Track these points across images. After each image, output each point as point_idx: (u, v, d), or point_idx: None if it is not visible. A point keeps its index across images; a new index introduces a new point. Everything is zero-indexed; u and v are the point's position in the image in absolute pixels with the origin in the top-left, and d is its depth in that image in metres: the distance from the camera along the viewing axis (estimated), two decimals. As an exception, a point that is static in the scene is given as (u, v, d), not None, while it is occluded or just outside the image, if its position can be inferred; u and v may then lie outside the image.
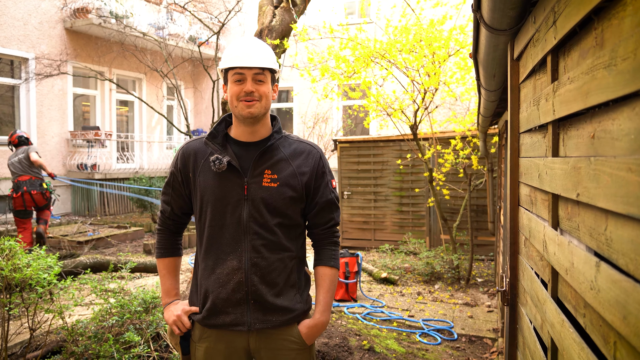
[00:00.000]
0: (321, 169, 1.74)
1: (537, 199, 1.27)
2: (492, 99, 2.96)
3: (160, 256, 1.83)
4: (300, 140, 1.78)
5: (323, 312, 1.71)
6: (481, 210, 7.13)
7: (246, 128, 1.68)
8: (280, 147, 1.71)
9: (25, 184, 6.12)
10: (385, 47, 5.62)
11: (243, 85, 1.61)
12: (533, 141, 1.34)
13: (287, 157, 1.70)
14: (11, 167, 6.30)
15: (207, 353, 1.69)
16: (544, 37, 1.13)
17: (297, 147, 1.73)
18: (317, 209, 1.74)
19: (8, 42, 10.03)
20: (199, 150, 1.72)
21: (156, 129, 13.90)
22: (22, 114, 10.57)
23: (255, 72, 1.61)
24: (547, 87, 1.13)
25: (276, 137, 1.71)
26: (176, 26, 12.80)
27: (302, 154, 1.72)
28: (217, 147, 1.68)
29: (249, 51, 1.62)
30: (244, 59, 1.60)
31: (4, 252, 2.89)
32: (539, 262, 1.24)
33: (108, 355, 2.93)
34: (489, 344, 4.18)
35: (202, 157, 1.70)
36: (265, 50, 1.66)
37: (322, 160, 1.76)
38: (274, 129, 1.74)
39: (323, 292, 1.72)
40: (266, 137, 1.71)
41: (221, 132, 1.72)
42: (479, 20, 1.55)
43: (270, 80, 1.67)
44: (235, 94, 1.62)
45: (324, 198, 1.74)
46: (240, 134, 1.71)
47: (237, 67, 1.60)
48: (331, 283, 1.74)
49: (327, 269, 1.75)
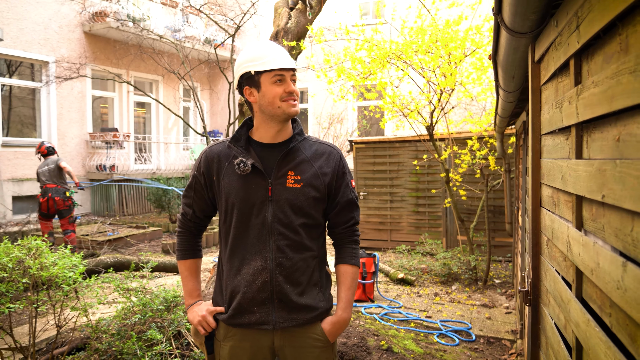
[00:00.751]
0: (342, 170, 1.78)
1: (560, 200, 1.29)
2: (510, 100, 2.96)
3: (181, 258, 1.87)
4: (320, 141, 1.82)
5: (345, 309, 1.74)
6: (498, 211, 7.09)
7: (275, 129, 1.72)
8: (302, 149, 1.75)
9: (51, 191, 6.92)
10: (401, 48, 5.63)
11: (285, 85, 1.66)
12: (555, 143, 1.36)
13: (309, 159, 1.74)
14: (41, 175, 7.04)
15: (232, 351, 1.73)
16: (567, 40, 1.14)
17: (318, 149, 1.78)
18: (338, 208, 1.78)
19: (29, 46, 10.25)
20: (223, 154, 1.76)
21: (173, 130, 14.06)
22: (43, 116, 10.79)
23: (292, 73, 1.68)
24: (570, 90, 1.14)
25: (298, 139, 1.75)
26: (192, 29, 12.93)
27: (323, 155, 1.76)
28: (241, 150, 1.72)
29: (280, 53, 1.67)
30: (282, 61, 1.65)
31: (31, 251, 2.97)
32: (562, 262, 1.26)
33: (131, 353, 2.98)
34: (507, 346, 4.17)
35: (225, 160, 1.74)
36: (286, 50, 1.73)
37: (342, 161, 1.80)
38: (295, 131, 1.77)
39: (344, 289, 1.76)
40: (288, 139, 1.75)
41: (244, 136, 1.76)
42: (500, 24, 1.57)
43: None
44: (278, 95, 1.66)
45: (345, 198, 1.78)
46: (264, 136, 1.75)
47: (278, 69, 1.65)
48: (352, 281, 1.77)
49: (348, 267, 1.78)
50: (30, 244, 3.00)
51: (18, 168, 9.94)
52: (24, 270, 2.81)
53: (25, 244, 2.99)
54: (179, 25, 12.57)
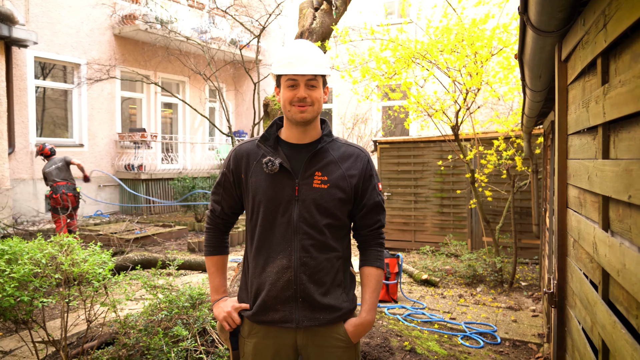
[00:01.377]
0: (369, 172, 1.78)
1: (586, 200, 1.27)
2: (537, 99, 2.92)
3: (209, 254, 1.90)
4: (348, 143, 1.83)
5: (369, 311, 1.74)
6: (525, 213, 6.96)
7: (297, 131, 1.75)
8: (330, 150, 1.76)
9: (64, 187, 7.42)
10: (426, 47, 5.59)
11: (296, 91, 1.67)
12: (582, 143, 1.34)
13: (337, 160, 1.74)
14: (49, 174, 7.47)
15: (256, 348, 1.75)
16: (594, 39, 1.13)
17: (345, 150, 1.78)
18: (364, 211, 1.79)
19: (62, 49, 10.55)
20: (251, 152, 1.78)
21: (199, 131, 14.26)
22: (75, 117, 11.09)
23: (308, 78, 1.66)
24: (597, 90, 1.13)
25: (326, 140, 1.76)
26: (218, 30, 13.10)
27: (351, 157, 1.77)
28: (269, 150, 1.74)
29: (302, 57, 1.67)
30: (297, 67, 1.65)
31: (63, 247, 3.07)
32: (588, 264, 1.24)
33: (157, 348, 3.05)
34: (533, 349, 4.10)
35: (254, 158, 1.76)
36: (317, 55, 1.70)
37: (369, 163, 1.80)
38: (323, 132, 1.79)
39: (369, 291, 1.76)
40: (316, 140, 1.77)
41: (272, 135, 1.78)
42: (526, 23, 1.55)
43: (322, 84, 1.72)
44: (289, 99, 1.68)
45: (372, 200, 1.78)
46: (291, 136, 1.77)
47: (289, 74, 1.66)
48: (377, 283, 1.78)
49: (372, 269, 1.79)
50: (62, 240, 3.09)
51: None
52: (56, 266, 2.90)
53: (57, 240, 3.08)
54: (206, 27, 12.75)
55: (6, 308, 2.68)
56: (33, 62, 10.09)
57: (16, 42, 9.10)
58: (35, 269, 2.79)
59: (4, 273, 2.70)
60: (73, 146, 10.95)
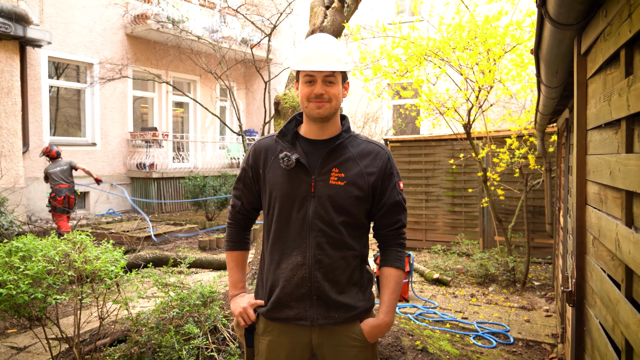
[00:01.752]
0: (389, 170, 1.75)
1: (607, 196, 1.24)
2: (552, 96, 2.87)
3: (229, 249, 1.90)
4: (369, 140, 1.79)
5: (387, 313, 1.71)
6: (538, 212, 6.89)
7: (316, 127, 1.73)
8: (349, 146, 1.73)
9: (66, 190, 7.74)
10: (438, 45, 5.54)
11: (313, 87, 1.64)
12: (603, 138, 1.31)
13: (355, 157, 1.71)
14: (53, 175, 7.74)
15: (270, 346, 1.73)
16: (617, 30, 1.10)
17: (365, 147, 1.75)
18: (384, 210, 1.75)
19: (76, 49, 10.64)
20: (270, 147, 1.76)
21: (210, 130, 14.31)
22: (87, 116, 11.19)
23: (326, 74, 1.63)
24: (620, 82, 1.10)
25: (345, 136, 1.73)
26: (229, 29, 13.13)
27: (370, 154, 1.73)
28: (287, 145, 1.72)
29: (321, 52, 1.64)
30: (314, 63, 1.62)
31: (76, 245, 3.08)
32: (610, 261, 1.21)
33: (169, 346, 3.05)
34: (547, 350, 4.05)
35: (272, 154, 1.75)
36: (337, 50, 1.66)
37: (390, 161, 1.76)
38: (343, 128, 1.76)
39: (388, 292, 1.73)
40: (335, 136, 1.74)
41: (291, 130, 1.77)
42: (544, 16, 1.52)
43: (341, 80, 1.69)
44: (306, 95, 1.66)
45: (392, 199, 1.75)
46: (309, 132, 1.75)
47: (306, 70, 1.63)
48: (396, 284, 1.74)
49: (392, 270, 1.75)
50: (75, 238, 3.11)
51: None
52: (69, 263, 2.92)
53: (70, 238, 3.10)
54: (217, 26, 12.79)
55: (20, 305, 2.70)
56: (47, 61, 10.19)
57: (31, 42, 9.20)
58: (48, 266, 2.81)
59: (18, 270, 2.72)
60: (86, 145, 11.04)
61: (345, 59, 1.68)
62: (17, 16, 8.53)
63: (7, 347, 3.88)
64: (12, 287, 2.62)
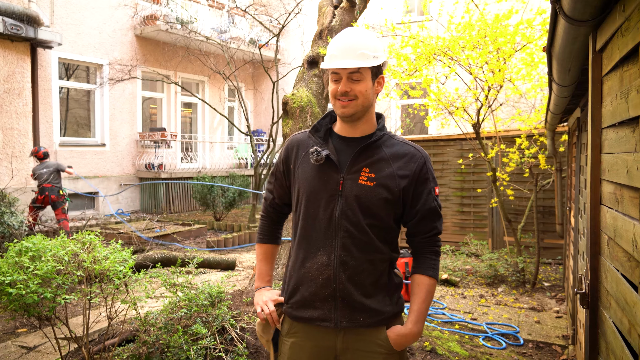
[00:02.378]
0: (424, 175, 1.66)
1: (623, 196, 1.21)
2: (564, 94, 2.83)
3: (259, 241, 1.89)
4: (405, 142, 1.71)
5: (416, 323, 1.63)
6: (548, 212, 6.82)
7: (347, 124, 1.68)
8: (383, 146, 1.66)
9: (48, 190, 8.10)
10: (447, 44, 5.51)
11: (339, 85, 1.59)
12: (619, 136, 1.28)
13: (389, 157, 1.64)
14: (40, 175, 8.10)
15: (292, 348, 1.68)
16: (636, 25, 1.07)
17: (400, 149, 1.67)
18: (418, 216, 1.68)
19: (85, 50, 10.72)
20: (302, 143, 1.73)
21: (218, 130, 14.35)
22: (97, 117, 11.26)
23: (350, 70, 1.57)
24: (638, 79, 1.07)
25: (378, 135, 1.67)
26: (237, 29, 13.15)
27: (405, 157, 1.66)
28: (319, 140, 1.68)
29: (346, 48, 1.58)
30: (338, 60, 1.58)
31: (85, 245, 3.09)
32: (626, 262, 1.18)
33: (177, 346, 3.05)
34: (558, 351, 4.00)
35: (304, 149, 1.71)
36: (363, 44, 1.59)
37: (426, 165, 1.67)
38: (378, 126, 1.70)
39: (418, 301, 1.65)
40: (369, 134, 1.68)
41: (324, 126, 1.73)
42: (558, 12, 1.49)
43: (370, 75, 1.61)
44: (333, 93, 1.62)
45: (427, 206, 1.67)
46: (342, 129, 1.70)
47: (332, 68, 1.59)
48: (428, 293, 1.66)
49: (425, 278, 1.67)
50: (84, 238, 3.11)
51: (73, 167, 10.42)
52: (78, 263, 2.92)
53: (79, 238, 3.11)
54: (225, 27, 12.82)
55: (30, 304, 2.71)
56: (57, 63, 10.27)
57: (41, 44, 9.27)
58: (58, 266, 2.81)
59: (28, 270, 2.73)
60: (95, 146, 11.11)
61: (374, 53, 1.59)
62: (28, 18, 8.61)
63: (18, 346, 3.90)
64: (21, 287, 2.63)
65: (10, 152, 8.72)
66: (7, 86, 8.65)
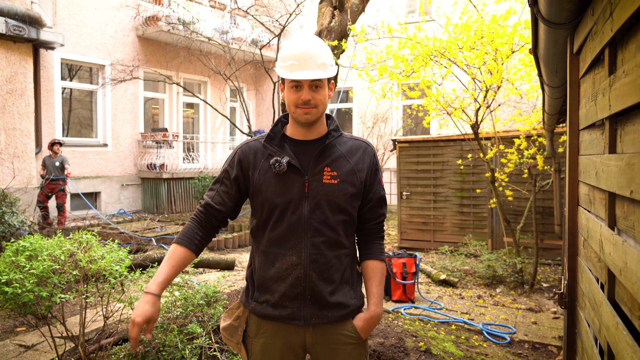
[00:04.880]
0: (375, 166, 1.77)
1: (595, 197, 1.22)
2: (556, 95, 2.84)
3: (177, 242, 1.74)
4: (354, 137, 1.80)
5: (377, 304, 1.73)
6: (547, 213, 6.81)
7: (303, 129, 1.72)
8: (337, 145, 1.74)
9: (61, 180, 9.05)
10: (445, 45, 5.51)
11: (300, 93, 1.62)
12: (592, 138, 1.29)
13: (345, 154, 1.72)
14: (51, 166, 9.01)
15: (263, 348, 1.72)
16: (602, 29, 1.08)
17: (352, 145, 1.76)
18: (370, 205, 1.78)
19: (88, 51, 10.78)
20: (258, 151, 1.74)
21: (219, 130, 14.39)
22: (99, 117, 11.32)
23: (313, 80, 1.62)
24: (604, 82, 1.09)
25: (334, 135, 1.74)
26: (239, 30, 13.18)
27: (359, 151, 1.75)
28: (275, 149, 1.70)
29: (306, 57, 1.60)
30: (300, 71, 1.60)
31: (81, 244, 3.12)
32: (596, 263, 1.19)
33: (173, 345, 3.07)
34: (554, 352, 4.00)
35: (262, 156, 1.73)
36: (321, 53, 1.64)
37: (375, 157, 1.79)
38: (330, 127, 1.76)
39: (375, 284, 1.75)
40: (323, 136, 1.74)
41: (278, 134, 1.75)
42: (537, 15, 1.51)
43: (326, 82, 1.68)
44: (293, 102, 1.64)
45: (377, 194, 1.78)
46: (296, 133, 1.74)
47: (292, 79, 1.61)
48: (382, 276, 1.78)
49: (377, 263, 1.78)
50: (81, 238, 3.14)
51: (76, 167, 10.48)
52: (75, 262, 2.95)
53: (76, 237, 3.14)
54: (227, 27, 12.85)
55: (25, 303, 2.74)
56: (59, 63, 10.34)
57: (44, 45, 9.34)
58: (54, 265, 2.84)
59: (24, 269, 2.76)
60: (97, 146, 11.17)
61: (331, 62, 1.66)
62: (30, 19, 8.67)
63: (16, 345, 3.94)
64: (17, 286, 2.66)
65: (13, 152, 8.79)
66: (9, 87, 8.72)
